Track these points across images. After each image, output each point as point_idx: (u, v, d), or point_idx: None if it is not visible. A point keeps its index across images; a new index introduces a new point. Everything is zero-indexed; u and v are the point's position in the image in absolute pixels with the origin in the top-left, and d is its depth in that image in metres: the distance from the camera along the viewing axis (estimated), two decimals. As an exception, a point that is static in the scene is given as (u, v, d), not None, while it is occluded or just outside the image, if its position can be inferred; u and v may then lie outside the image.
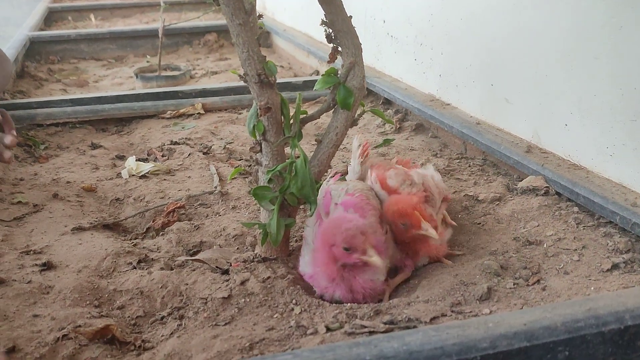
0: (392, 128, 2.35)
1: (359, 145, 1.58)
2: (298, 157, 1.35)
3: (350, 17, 1.33)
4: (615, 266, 1.32)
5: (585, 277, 1.30)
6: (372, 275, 1.26)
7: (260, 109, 1.29)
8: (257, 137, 1.37)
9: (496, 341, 0.93)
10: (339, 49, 1.35)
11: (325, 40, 1.37)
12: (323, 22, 1.33)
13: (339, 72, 1.36)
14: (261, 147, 1.38)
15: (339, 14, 1.32)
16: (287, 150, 1.42)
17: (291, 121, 1.36)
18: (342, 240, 1.21)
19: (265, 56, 1.29)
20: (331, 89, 1.36)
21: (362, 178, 1.52)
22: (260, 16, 1.33)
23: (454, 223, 1.45)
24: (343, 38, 1.33)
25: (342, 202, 1.35)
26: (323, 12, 1.33)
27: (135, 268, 1.46)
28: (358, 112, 1.40)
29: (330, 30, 1.34)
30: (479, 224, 1.58)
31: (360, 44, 1.35)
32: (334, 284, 1.27)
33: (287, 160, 1.36)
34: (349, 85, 1.34)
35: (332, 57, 1.37)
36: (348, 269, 1.25)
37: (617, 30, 1.50)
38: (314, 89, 1.36)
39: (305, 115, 1.38)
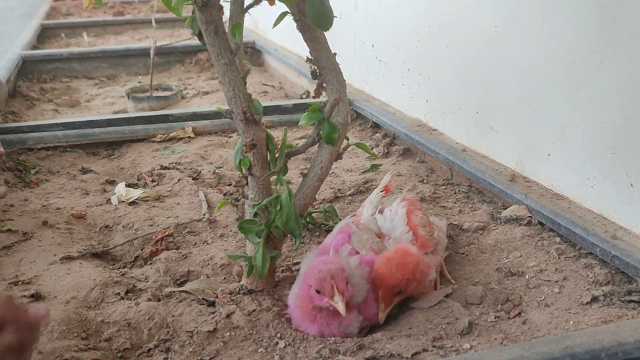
0: (380, 153, 2.38)
1: (388, 180, 1.67)
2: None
3: (335, 54, 1.36)
4: (594, 299, 1.35)
5: (565, 310, 1.32)
6: (345, 327, 1.27)
7: (245, 145, 1.32)
8: (244, 172, 1.39)
9: (473, 382, 0.95)
10: (324, 85, 1.38)
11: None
12: (308, 60, 1.36)
13: (324, 107, 1.38)
14: (247, 181, 1.40)
15: (323, 51, 1.35)
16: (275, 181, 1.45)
17: (277, 155, 1.39)
18: (314, 282, 1.23)
19: (251, 94, 1.31)
20: (316, 124, 1.38)
21: (379, 210, 1.55)
22: (247, 52, 1.36)
23: (452, 281, 1.47)
24: (327, 75, 1.36)
25: (364, 259, 1.34)
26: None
27: (123, 299, 1.48)
28: (343, 146, 1.43)
29: (315, 67, 1.37)
30: (462, 253, 1.60)
31: (345, 80, 1.37)
32: (307, 324, 1.29)
33: (273, 194, 1.38)
34: (333, 121, 1.36)
35: (317, 93, 1.39)
36: (324, 313, 1.26)
37: (597, 64, 1.53)
38: (299, 124, 1.38)
39: (290, 149, 1.41)
